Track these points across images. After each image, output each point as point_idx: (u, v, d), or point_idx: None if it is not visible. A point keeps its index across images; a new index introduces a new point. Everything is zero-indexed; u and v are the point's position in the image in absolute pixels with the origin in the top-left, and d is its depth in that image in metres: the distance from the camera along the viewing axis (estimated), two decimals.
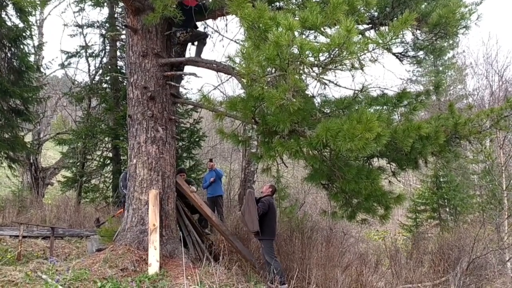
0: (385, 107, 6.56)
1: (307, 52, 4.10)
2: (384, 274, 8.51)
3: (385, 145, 4.77)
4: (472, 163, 17.72)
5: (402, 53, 7.08)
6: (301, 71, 4.38)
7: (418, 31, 6.73)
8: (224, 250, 7.38)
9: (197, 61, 7.25)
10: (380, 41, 4.41)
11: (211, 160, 10.57)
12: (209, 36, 7.80)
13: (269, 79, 4.49)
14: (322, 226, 10.99)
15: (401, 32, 4.97)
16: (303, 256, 7.91)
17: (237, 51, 4.65)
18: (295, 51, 4.07)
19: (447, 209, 15.78)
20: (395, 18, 5.80)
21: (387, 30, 4.42)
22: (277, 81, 4.56)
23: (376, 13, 6.58)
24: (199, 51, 7.50)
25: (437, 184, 15.59)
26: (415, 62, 7.45)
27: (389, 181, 7.04)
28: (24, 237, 7.73)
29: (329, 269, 7.34)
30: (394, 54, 7.03)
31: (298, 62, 4.21)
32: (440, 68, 22.72)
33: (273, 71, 4.50)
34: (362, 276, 7.63)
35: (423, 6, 6.40)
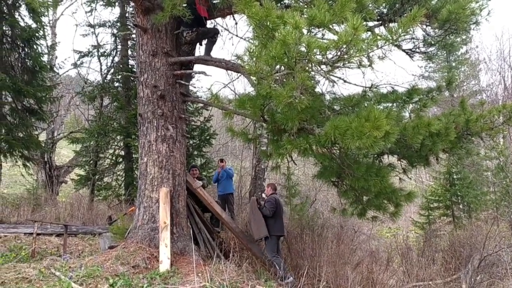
0: (395, 104, 6.52)
1: (314, 50, 4.10)
2: (395, 271, 8.47)
3: (394, 142, 4.76)
4: (486, 160, 17.50)
5: (413, 49, 7.02)
6: (309, 69, 4.38)
7: (429, 27, 6.67)
8: (235, 248, 7.42)
9: (206, 60, 7.28)
10: (390, 38, 4.38)
11: (221, 161, 10.46)
12: (219, 33, 7.80)
13: (277, 77, 4.50)
14: (332, 224, 10.97)
15: (411, 28, 4.93)
16: (314, 253, 7.92)
17: (246, 49, 4.66)
18: (303, 49, 4.06)
19: (461, 206, 15.61)
20: (405, 15, 5.76)
21: (396, 26, 4.39)
22: (285, 79, 4.56)
23: (385, 10, 6.53)
24: (208, 49, 7.52)
25: (450, 181, 15.41)
26: (426, 58, 7.38)
27: (400, 179, 6.99)
28: (38, 234, 7.87)
29: (339, 267, 7.34)
30: (404, 50, 6.98)
31: (306, 60, 4.21)
32: (453, 64, 22.42)
33: (282, 69, 4.51)
34: (372, 273, 7.61)
35: (433, 2, 6.33)
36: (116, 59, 15.09)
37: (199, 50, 7.97)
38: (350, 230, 10.96)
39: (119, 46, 15.03)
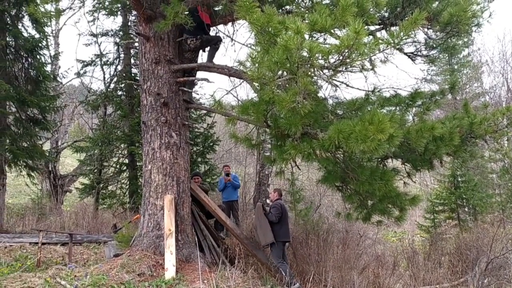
0: (398, 107, 6.53)
1: (316, 55, 4.11)
2: (402, 276, 8.42)
3: (398, 145, 4.75)
4: (490, 162, 17.42)
5: (414, 53, 7.04)
6: (311, 74, 4.39)
7: (430, 30, 6.68)
8: (240, 254, 7.40)
9: (209, 67, 7.31)
10: (391, 41, 4.39)
11: (227, 175, 10.11)
12: (222, 40, 7.83)
13: (279, 82, 4.51)
14: (338, 228, 10.94)
15: (412, 32, 4.94)
16: (319, 258, 7.90)
17: (248, 55, 4.68)
18: (305, 54, 4.08)
19: (466, 209, 15.52)
20: (406, 18, 5.78)
21: (397, 30, 4.40)
22: (288, 84, 4.58)
23: (386, 14, 6.55)
24: (211, 56, 7.55)
25: (455, 184, 15.33)
26: (428, 61, 7.39)
27: (404, 182, 6.98)
28: (43, 243, 7.86)
29: (345, 271, 7.31)
30: (406, 54, 6.99)
31: (308, 65, 4.22)
32: (455, 67, 22.37)
33: (284, 74, 4.53)
34: (379, 278, 7.58)
35: (434, 5, 6.35)
36: (119, 67, 15.17)
37: (202, 57, 8.03)
38: (356, 235, 10.92)
39: (122, 55, 15.11)
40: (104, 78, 15.54)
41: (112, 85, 15.11)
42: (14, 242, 8.61)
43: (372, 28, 6.71)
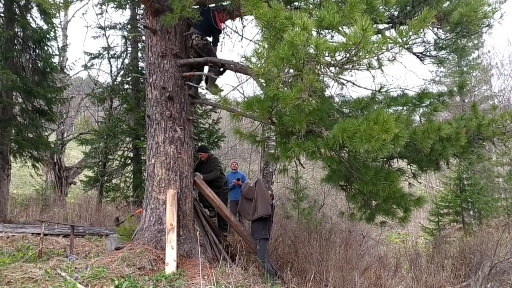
0: (405, 107, 6.45)
1: (323, 52, 4.05)
2: (404, 278, 8.35)
3: (404, 146, 4.68)
4: (497, 166, 17.28)
5: (423, 53, 6.95)
6: (317, 71, 4.33)
7: (440, 30, 6.60)
8: (241, 251, 7.37)
9: (215, 62, 7.26)
10: (400, 40, 4.32)
11: (238, 180, 10.08)
12: (222, 32, 7.72)
13: (284, 79, 4.46)
14: (341, 228, 10.87)
15: (421, 31, 4.86)
16: (321, 258, 7.84)
17: (253, 50, 4.62)
18: (311, 50, 4.02)
19: (471, 213, 15.40)
20: (415, 17, 5.70)
21: (406, 28, 4.33)
22: (294, 81, 4.52)
23: (396, 12, 6.47)
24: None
25: (461, 187, 15.22)
26: (437, 61, 7.30)
27: (409, 183, 6.91)
28: (45, 234, 7.89)
29: (347, 272, 7.25)
30: (414, 53, 6.91)
31: (314, 62, 4.16)
32: (465, 69, 22.17)
33: (291, 71, 4.47)
34: (380, 279, 7.52)
35: (445, 4, 6.26)
36: (126, 61, 15.18)
37: None
38: (358, 235, 10.86)
39: (129, 48, 15.12)
40: (111, 71, 15.60)
41: (118, 79, 15.15)
42: (17, 232, 8.63)
43: (381, 26, 6.64)
